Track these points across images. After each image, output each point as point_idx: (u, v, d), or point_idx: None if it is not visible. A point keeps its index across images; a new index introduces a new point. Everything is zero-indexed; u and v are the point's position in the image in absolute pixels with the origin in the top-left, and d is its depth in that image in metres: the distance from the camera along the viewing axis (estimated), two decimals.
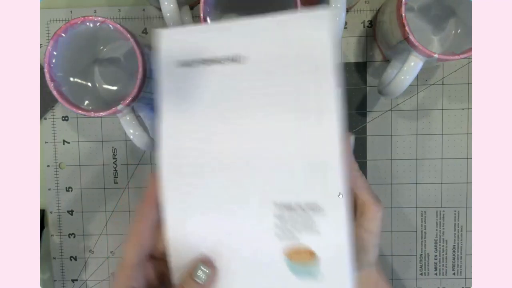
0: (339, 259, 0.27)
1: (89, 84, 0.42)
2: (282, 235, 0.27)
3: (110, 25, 0.35)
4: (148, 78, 0.36)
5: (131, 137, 0.37)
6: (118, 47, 0.43)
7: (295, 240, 0.27)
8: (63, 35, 0.35)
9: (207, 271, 0.27)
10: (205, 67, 0.28)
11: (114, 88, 0.44)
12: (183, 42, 0.29)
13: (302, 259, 0.27)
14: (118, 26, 0.35)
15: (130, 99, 0.35)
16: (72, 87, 0.38)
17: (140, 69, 0.35)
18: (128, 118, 0.37)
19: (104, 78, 0.43)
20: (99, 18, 0.35)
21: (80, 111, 0.36)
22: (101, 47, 0.43)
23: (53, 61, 0.35)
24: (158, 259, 0.30)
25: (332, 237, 0.27)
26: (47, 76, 0.35)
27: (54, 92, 0.35)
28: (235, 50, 0.28)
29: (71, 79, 0.39)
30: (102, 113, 0.35)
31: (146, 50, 0.37)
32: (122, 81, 0.44)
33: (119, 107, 0.35)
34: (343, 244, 0.27)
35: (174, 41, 0.29)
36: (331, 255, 0.27)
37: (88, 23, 0.35)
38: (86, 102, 0.39)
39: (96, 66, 0.43)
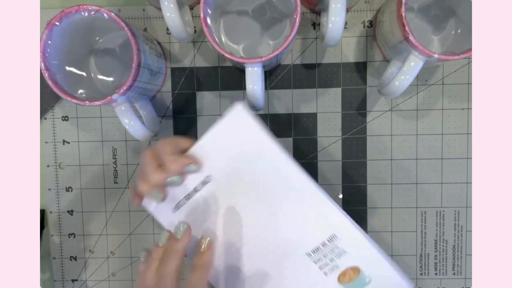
0: (371, 257, 0.34)
1: (85, 74, 0.42)
2: (328, 271, 0.35)
3: (105, 14, 0.35)
4: (142, 67, 0.36)
5: (127, 127, 0.37)
6: (114, 38, 0.43)
7: (338, 268, 0.34)
8: (57, 24, 0.35)
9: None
10: (189, 201, 0.36)
11: (110, 79, 0.44)
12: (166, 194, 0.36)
13: (351, 277, 0.35)
14: (112, 14, 0.35)
15: (125, 88, 0.35)
16: (67, 76, 0.38)
17: (135, 58, 0.35)
18: (123, 108, 0.37)
19: (100, 69, 0.43)
20: (94, 6, 0.35)
21: (74, 100, 0.36)
22: (97, 38, 0.43)
23: (48, 50, 0.35)
24: None
25: (355, 248, 0.34)
26: (42, 65, 0.35)
27: (49, 82, 0.35)
28: (202, 175, 0.35)
29: (67, 68, 0.39)
30: (97, 102, 0.35)
31: (141, 40, 0.37)
32: (118, 73, 0.44)
33: (114, 96, 0.35)
34: (365, 245, 0.34)
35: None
36: (364, 259, 0.34)
37: (82, 12, 0.35)
38: (81, 91, 0.39)
39: (92, 57, 0.43)
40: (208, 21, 0.36)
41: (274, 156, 0.34)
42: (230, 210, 0.35)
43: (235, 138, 0.34)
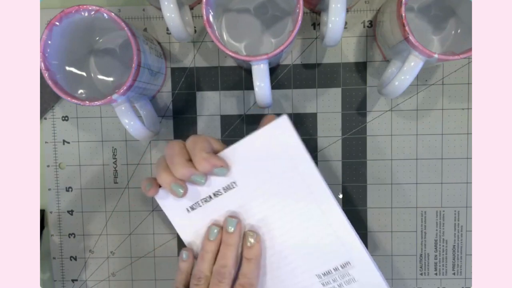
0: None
1: (85, 74, 0.42)
2: None
3: (105, 14, 0.35)
4: (142, 67, 0.36)
5: (127, 127, 0.37)
6: (114, 38, 0.43)
7: None
8: (57, 24, 0.35)
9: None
10: (206, 204, 0.35)
11: (110, 79, 0.44)
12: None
13: None
14: (112, 14, 0.35)
15: (125, 88, 0.35)
16: (67, 76, 0.38)
17: (135, 58, 0.35)
18: (123, 108, 0.37)
19: (100, 69, 0.43)
20: (94, 6, 0.35)
21: (74, 100, 0.36)
22: (97, 38, 0.43)
23: (48, 50, 0.35)
24: None
25: (366, 278, 0.34)
26: (42, 65, 0.35)
27: (49, 82, 0.35)
28: (227, 180, 0.34)
29: (67, 68, 0.39)
30: (97, 102, 0.35)
31: (141, 40, 0.37)
32: (118, 73, 0.44)
33: (114, 96, 0.35)
34: (375, 278, 0.34)
35: (171, 196, 0.34)
36: None
37: (82, 12, 0.35)
38: (81, 91, 0.39)
39: (92, 57, 0.43)
40: (211, 21, 0.36)
41: (309, 174, 0.33)
42: (249, 220, 0.35)
43: (272, 148, 0.33)
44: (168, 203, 0.35)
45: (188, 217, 0.35)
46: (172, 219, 0.35)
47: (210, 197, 0.34)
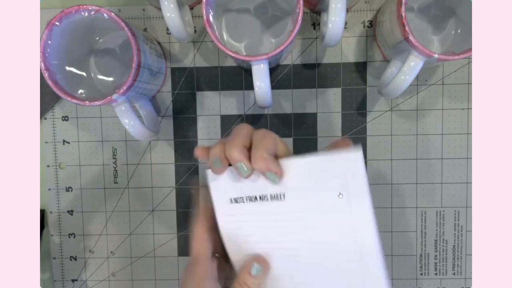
0: None
1: (85, 74, 0.42)
2: None
3: (105, 14, 0.35)
4: (142, 67, 0.36)
5: (127, 127, 0.37)
6: (114, 38, 0.43)
7: None
8: (57, 24, 0.35)
9: (260, 267, 0.32)
10: (250, 203, 0.33)
11: (110, 79, 0.44)
12: (229, 181, 0.33)
13: None
14: (112, 14, 0.35)
15: (125, 88, 0.35)
16: (67, 76, 0.38)
17: (135, 58, 0.35)
18: (123, 108, 0.37)
19: (100, 69, 0.43)
20: (94, 6, 0.35)
21: (74, 100, 0.36)
22: (97, 38, 0.43)
23: (48, 50, 0.35)
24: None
25: None
26: (42, 65, 0.35)
27: (49, 82, 0.35)
28: (278, 189, 0.32)
29: (67, 68, 0.39)
30: (97, 102, 0.35)
31: (141, 40, 0.37)
32: (118, 73, 0.44)
33: (114, 96, 0.35)
34: None
35: (221, 180, 0.33)
36: None
37: (82, 12, 0.35)
38: (81, 91, 0.39)
39: (92, 57, 0.43)
40: (211, 21, 0.36)
41: (363, 222, 0.31)
42: (282, 238, 0.33)
43: (334, 178, 0.31)
44: (218, 185, 0.34)
45: (230, 207, 0.34)
46: (215, 202, 0.34)
47: (256, 198, 0.33)
